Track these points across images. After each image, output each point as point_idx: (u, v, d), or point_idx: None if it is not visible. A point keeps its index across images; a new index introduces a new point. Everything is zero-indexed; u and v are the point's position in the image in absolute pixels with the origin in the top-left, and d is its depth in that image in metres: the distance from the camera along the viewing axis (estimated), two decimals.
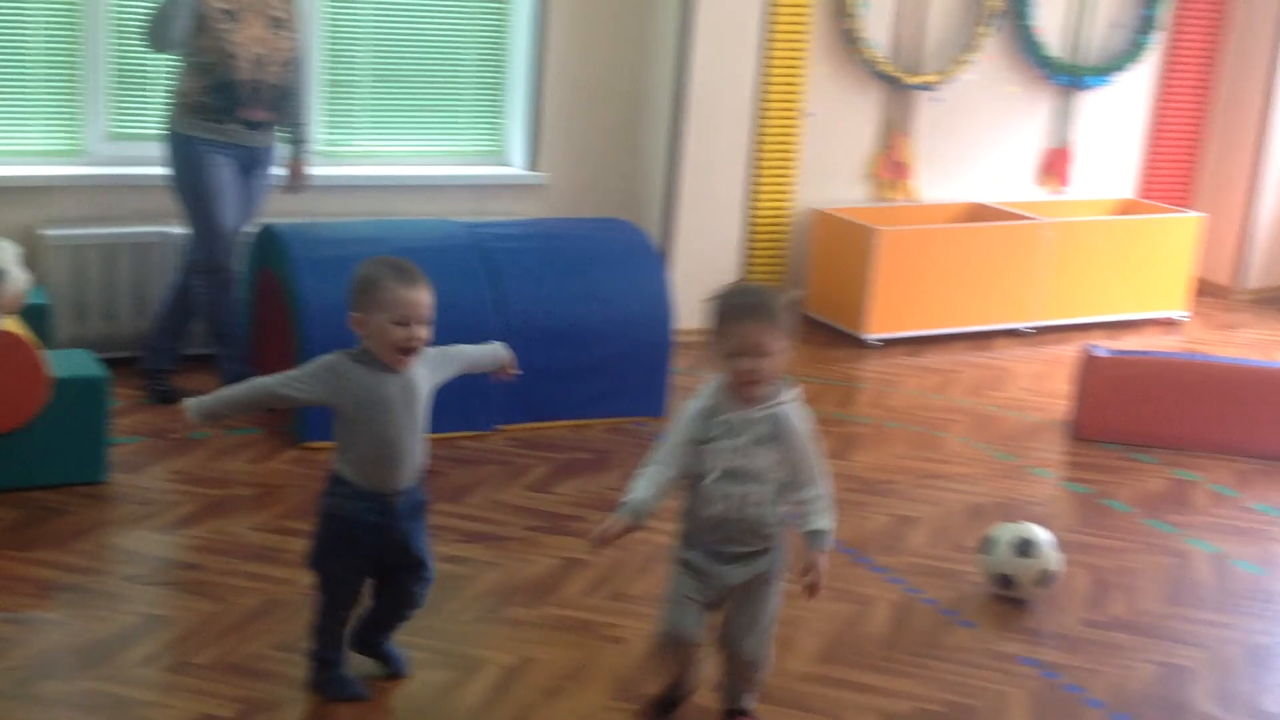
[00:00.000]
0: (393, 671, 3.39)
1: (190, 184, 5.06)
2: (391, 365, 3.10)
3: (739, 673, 3.19)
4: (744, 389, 3.00)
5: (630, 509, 2.98)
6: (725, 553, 3.06)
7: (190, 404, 3.07)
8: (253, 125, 5.06)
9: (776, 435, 3.00)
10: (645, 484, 3.01)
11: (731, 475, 3.00)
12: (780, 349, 2.99)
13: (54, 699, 3.23)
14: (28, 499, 4.24)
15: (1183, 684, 3.65)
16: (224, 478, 4.62)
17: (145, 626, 3.58)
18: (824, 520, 3.02)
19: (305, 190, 5.40)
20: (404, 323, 3.05)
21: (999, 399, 6.02)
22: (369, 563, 3.23)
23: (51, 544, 4.00)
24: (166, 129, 5.09)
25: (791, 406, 3.04)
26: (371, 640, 3.38)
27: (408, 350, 3.09)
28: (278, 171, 5.31)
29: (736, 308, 3.01)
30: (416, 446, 3.21)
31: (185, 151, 5.04)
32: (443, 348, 3.27)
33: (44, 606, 3.69)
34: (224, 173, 5.06)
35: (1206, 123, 8.03)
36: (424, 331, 3.10)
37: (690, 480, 3.06)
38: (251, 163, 5.15)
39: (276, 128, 5.19)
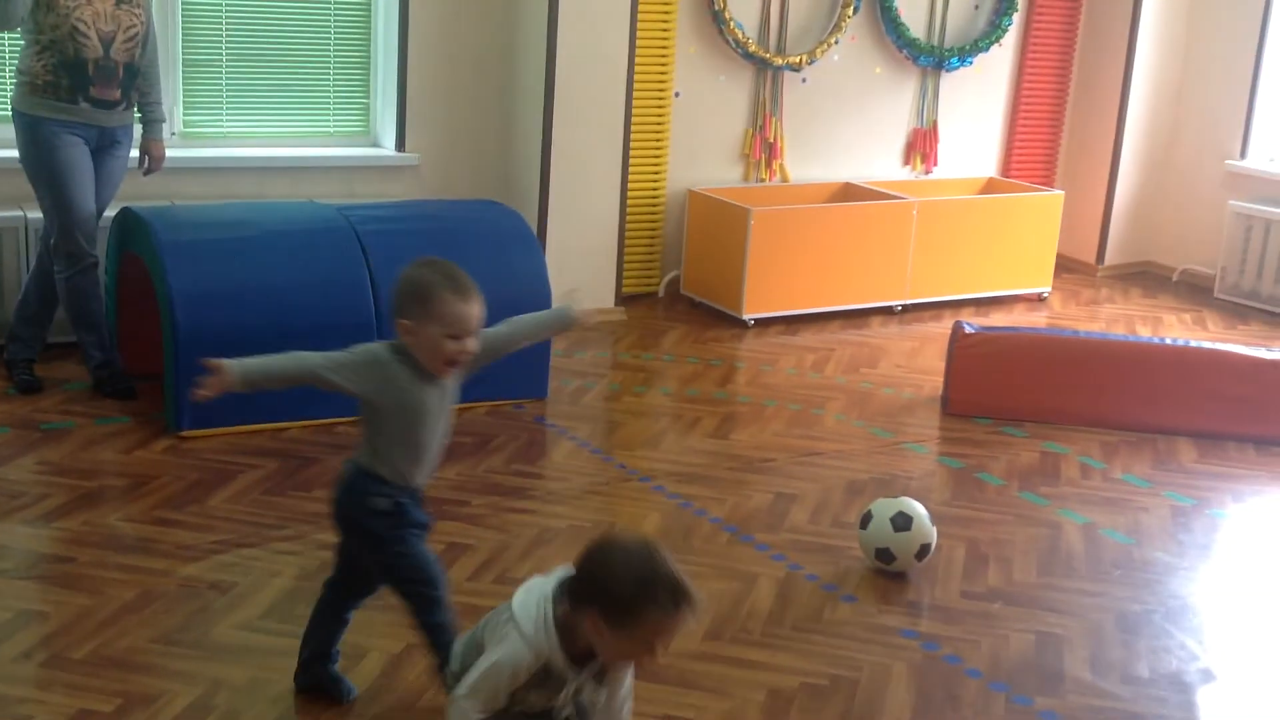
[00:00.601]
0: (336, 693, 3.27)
1: (42, 167, 4.91)
2: (435, 374, 3.01)
3: None
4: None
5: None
6: None
7: (231, 364, 2.91)
8: (104, 105, 4.91)
9: None
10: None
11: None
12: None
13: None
14: None
15: (1058, 652, 3.75)
16: (94, 468, 4.50)
17: (18, 622, 3.47)
18: None
19: (160, 171, 5.26)
20: (457, 336, 2.96)
21: (874, 376, 6.11)
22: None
23: None
24: (13, 110, 4.92)
25: None
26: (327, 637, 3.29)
27: (457, 364, 3.01)
28: (133, 153, 5.17)
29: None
30: (440, 447, 3.15)
31: (35, 133, 4.88)
32: (492, 330, 3.16)
33: None
34: (76, 154, 4.91)
35: (1067, 102, 8.23)
36: (474, 344, 3.00)
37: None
38: (105, 143, 5.00)
39: (129, 107, 5.04)
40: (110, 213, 5.21)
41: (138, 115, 5.12)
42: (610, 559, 2.55)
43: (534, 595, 2.65)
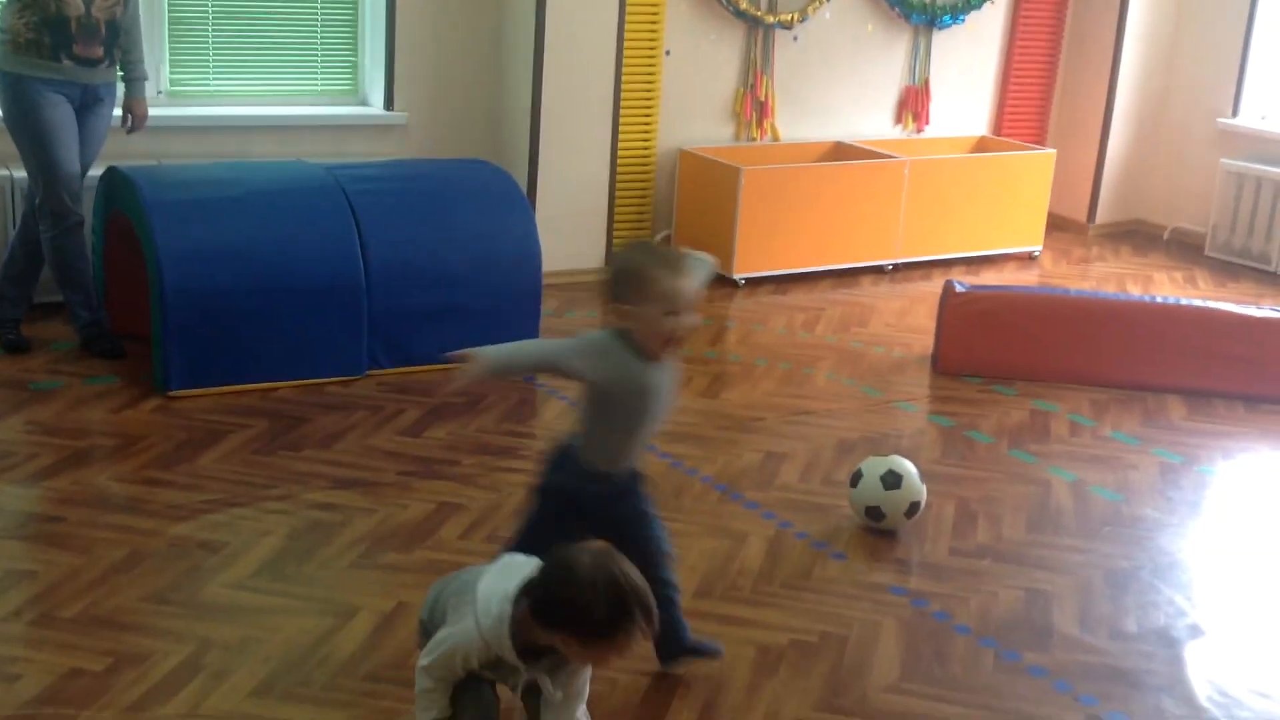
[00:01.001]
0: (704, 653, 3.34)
1: (26, 126, 4.87)
2: (656, 356, 2.99)
3: None
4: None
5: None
6: None
7: (483, 354, 2.92)
8: (86, 62, 4.87)
9: None
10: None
11: None
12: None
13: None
14: None
15: (1046, 608, 3.76)
16: (84, 428, 4.49)
17: (7, 581, 3.47)
18: None
19: (144, 130, 5.22)
20: (674, 312, 2.94)
21: (864, 335, 6.10)
22: (586, 534, 3.10)
23: None
24: None
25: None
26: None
27: (677, 341, 2.99)
28: (116, 112, 5.14)
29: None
30: (656, 429, 3.16)
31: (18, 91, 4.85)
32: None
33: None
34: (60, 113, 4.88)
35: (1059, 60, 8.19)
36: (692, 319, 2.99)
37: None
38: (89, 101, 4.97)
39: (112, 65, 5.00)
40: (96, 172, 5.18)
41: (120, 74, 5.08)
42: (577, 585, 2.54)
43: (497, 591, 2.64)
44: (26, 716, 2.93)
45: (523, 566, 2.70)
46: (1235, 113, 7.82)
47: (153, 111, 5.30)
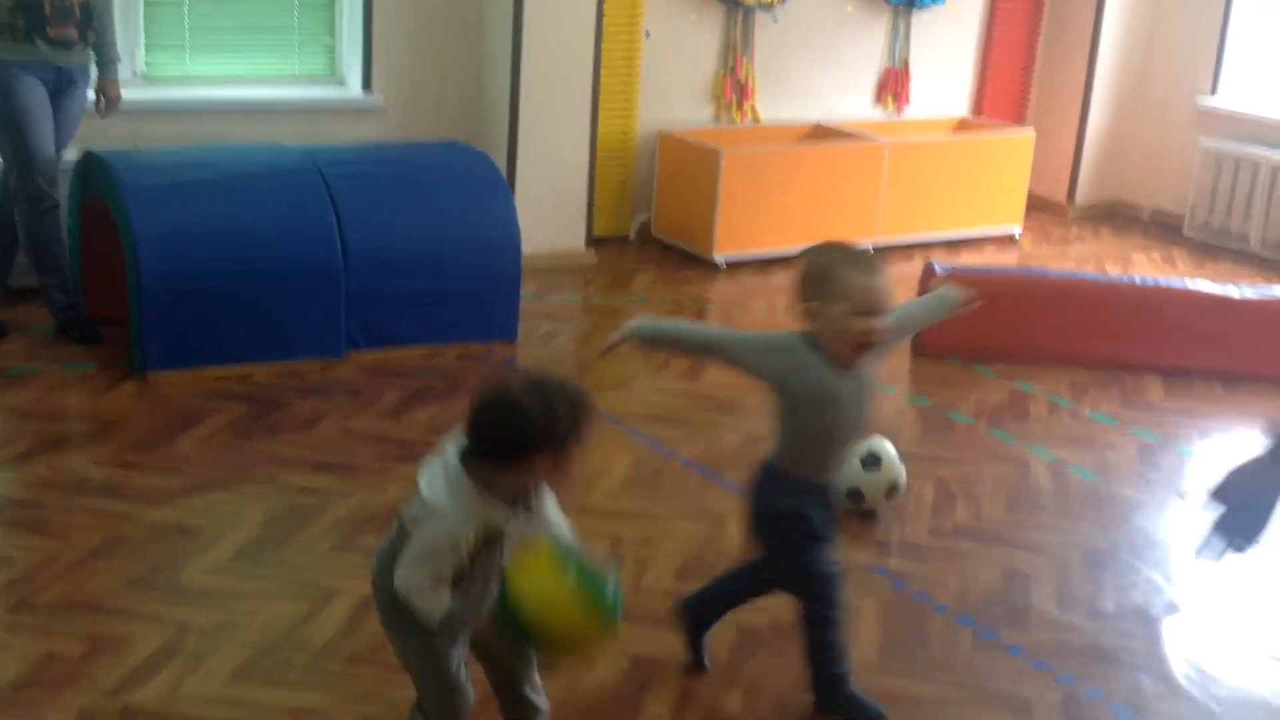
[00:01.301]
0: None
1: (1, 110, 4.84)
2: (844, 360, 2.87)
3: None
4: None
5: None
6: None
7: (639, 325, 2.92)
8: (61, 45, 4.84)
9: None
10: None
11: None
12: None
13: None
14: None
15: (1025, 587, 3.77)
16: (60, 412, 4.47)
17: None
18: None
19: (118, 113, 5.19)
20: (865, 313, 2.82)
21: None
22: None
23: None
24: None
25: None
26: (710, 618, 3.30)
27: (867, 344, 2.86)
28: (90, 94, 5.11)
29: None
30: (853, 441, 3.08)
31: None
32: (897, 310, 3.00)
33: None
34: (35, 96, 4.85)
35: (1039, 40, 8.19)
36: (883, 323, 2.85)
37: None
38: (63, 83, 4.94)
39: (86, 47, 4.97)
40: (72, 156, 5.15)
41: (93, 56, 5.04)
42: (503, 408, 2.44)
43: (439, 478, 2.50)
44: (3, 700, 2.92)
45: (439, 456, 2.56)
46: (1214, 91, 7.83)
47: (129, 94, 5.26)
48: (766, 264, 6.77)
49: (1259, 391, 5.40)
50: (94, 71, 5.09)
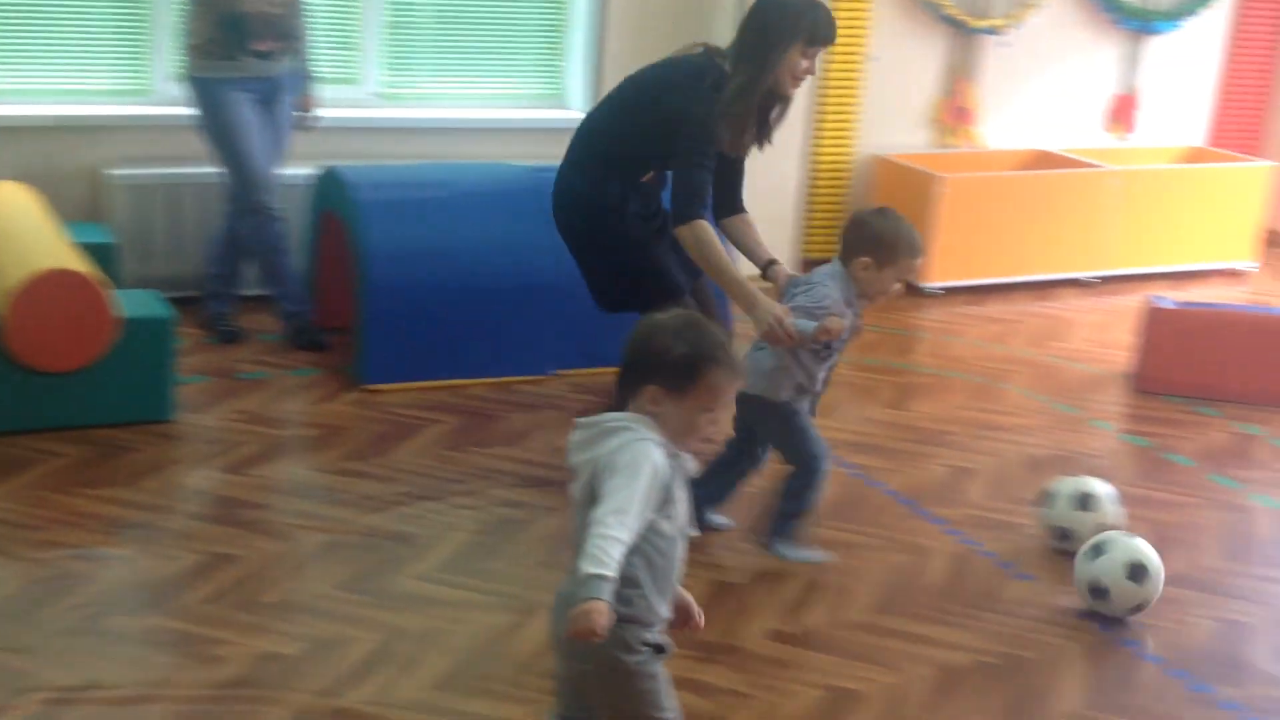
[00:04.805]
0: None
1: (217, 126, 5.03)
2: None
3: None
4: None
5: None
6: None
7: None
8: (265, 56, 5.02)
9: None
10: None
11: None
12: None
13: (121, 634, 3.29)
14: (96, 437, 4.31)
15: (1241, 640, 3.63)
16: (286, 418, 4.67)
17: (210, 564, 3.63)
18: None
19: (315, 125, 5.33)
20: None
21: (1060, 350, 5.96)
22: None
23: (119, 482, 4.06)
24: (185, 75, 5.06)
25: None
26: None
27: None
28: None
29: None
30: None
31: (206, 94, 5.01)
32: None
33: (111, 543, 3.75)
34: (247, 110, 5.02)
35: (1278, 69, 7.86)
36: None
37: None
38: (272, 94, 5.10)
39: (291, 57, 5.13)
40: (305, 170, 5.35)
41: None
42: (656, 332, 2.39)
43: (591, 426, 2.37)
44: (222, 697, 3.07)
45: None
46: None
47: (363, 113, 5.45)
48: (980, 292, 6.65)
49: None
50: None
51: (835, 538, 4.02)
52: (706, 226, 3.89)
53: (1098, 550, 3.67)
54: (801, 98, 6.36)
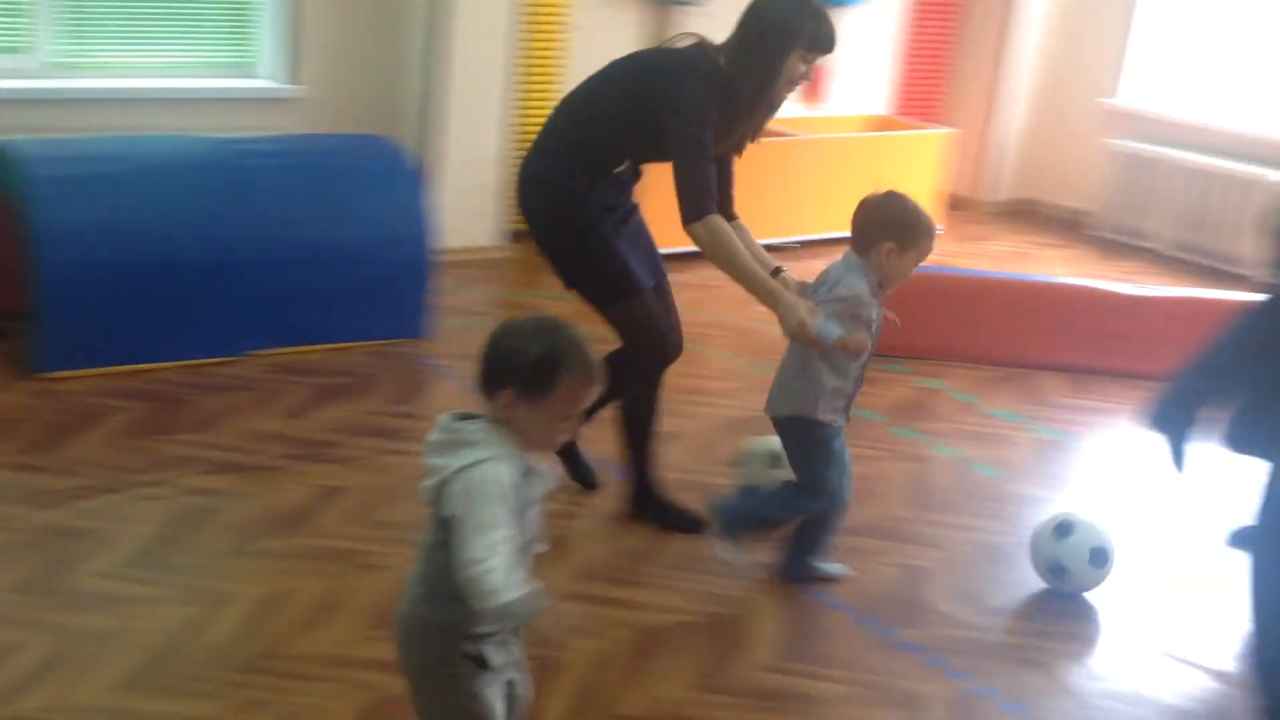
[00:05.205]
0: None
1: None
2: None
3: None
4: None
5: None
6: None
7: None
8: None
9: None
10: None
11: None
12: None
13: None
14: None
15: (921, 584, 3.82)
16: None
17: None
18: None
19: (25, 103, 5.06)
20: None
21: (760, 314, 6.06)
22: None
23: None
24: None
25: None
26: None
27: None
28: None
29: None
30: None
31: None
32: None
33: None
34: None
35: (956, 40, 8.26)
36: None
37: None
38: None
39: None
40: None
41: None
42: (511, 335, 2.33)
43: (450, 440, 2.31)
44: None
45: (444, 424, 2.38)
46: (1117, 92, 7.94)
47: (35, 83, 5.16)
48: (677, 260, 6.75)
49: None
50: None
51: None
52: (720, 222, 3.71)
53: (1063, 531, 3.78)
54: (502, 68, 6.35)
